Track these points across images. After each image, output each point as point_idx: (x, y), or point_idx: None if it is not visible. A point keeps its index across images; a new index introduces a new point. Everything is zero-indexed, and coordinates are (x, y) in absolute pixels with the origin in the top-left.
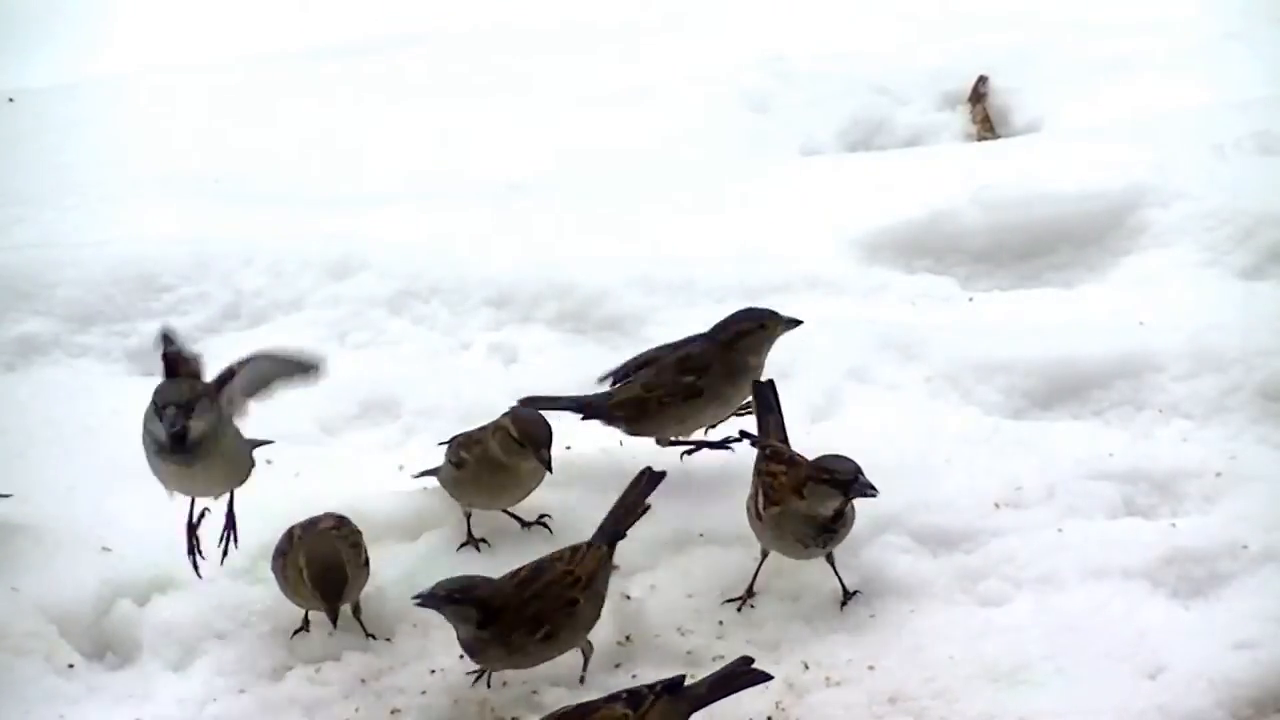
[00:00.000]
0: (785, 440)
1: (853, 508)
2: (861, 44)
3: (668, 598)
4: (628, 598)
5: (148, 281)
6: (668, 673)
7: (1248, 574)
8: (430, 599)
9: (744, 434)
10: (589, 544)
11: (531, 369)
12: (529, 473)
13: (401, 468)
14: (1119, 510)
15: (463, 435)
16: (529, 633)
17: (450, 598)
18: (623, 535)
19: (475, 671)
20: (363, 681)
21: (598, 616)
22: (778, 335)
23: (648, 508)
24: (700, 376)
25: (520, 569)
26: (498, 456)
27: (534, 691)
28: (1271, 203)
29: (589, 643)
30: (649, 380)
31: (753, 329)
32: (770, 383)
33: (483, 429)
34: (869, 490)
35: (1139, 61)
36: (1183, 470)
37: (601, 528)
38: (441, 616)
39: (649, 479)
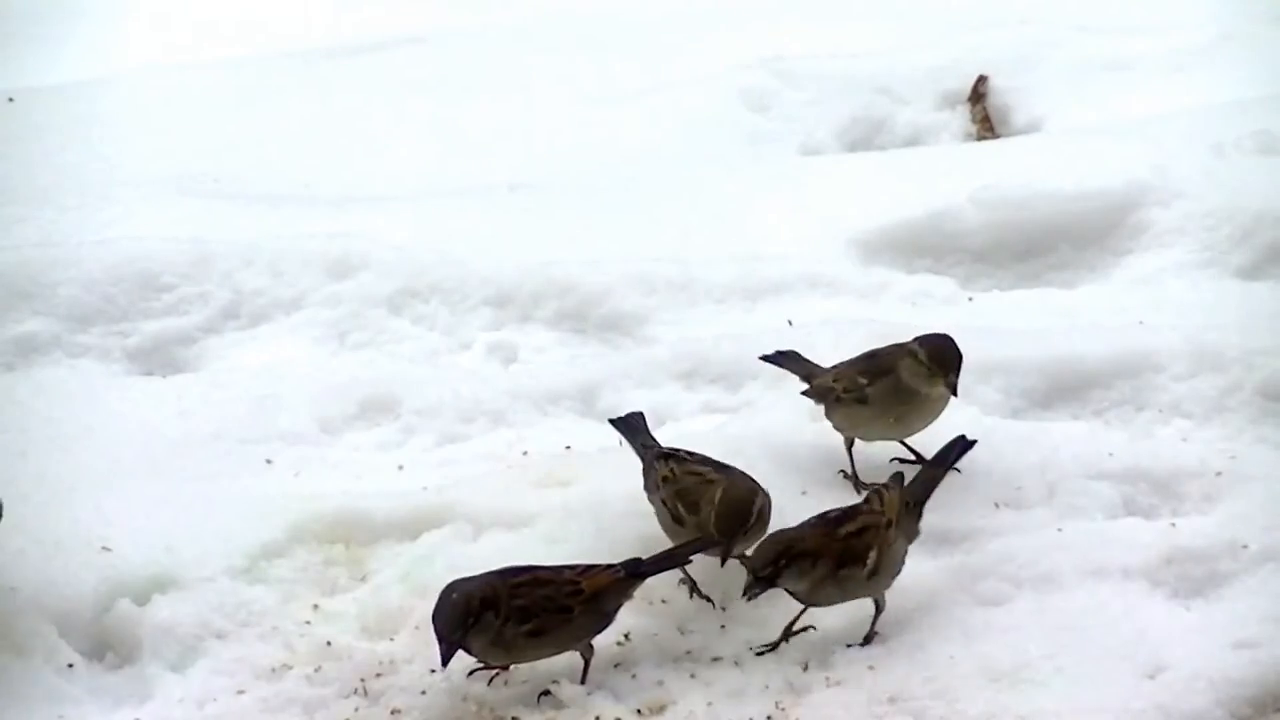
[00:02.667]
0: (919, 504)
1: (847, 567)
2: (861, 44)
3: (668, 596)
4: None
5: (148, 281)
6: (668, 671)
7: (1247, 574)
8: (447, 650)
9: (901, 460)
10: (609, 565)
11: (531, 368)
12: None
13: (401, 467)
14: (1119, 510)
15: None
16: (518, 623)
17: (455, 630)
18: (647, 574)
19: (475, 670)
20: (363, 681)
21: (597, 631)
22: (933, 384)
23: (689, 562)
24: (872, 383)
25: (522, 568)
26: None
27: (534, 691)
28: (1271, 202)
29: (590, 646)
30: (839, 371)
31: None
32: (968, 443)
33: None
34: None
35: (1139, 61)
36: (1183, 470)
37: (636, 559)
38: None
39: (702, 543)
